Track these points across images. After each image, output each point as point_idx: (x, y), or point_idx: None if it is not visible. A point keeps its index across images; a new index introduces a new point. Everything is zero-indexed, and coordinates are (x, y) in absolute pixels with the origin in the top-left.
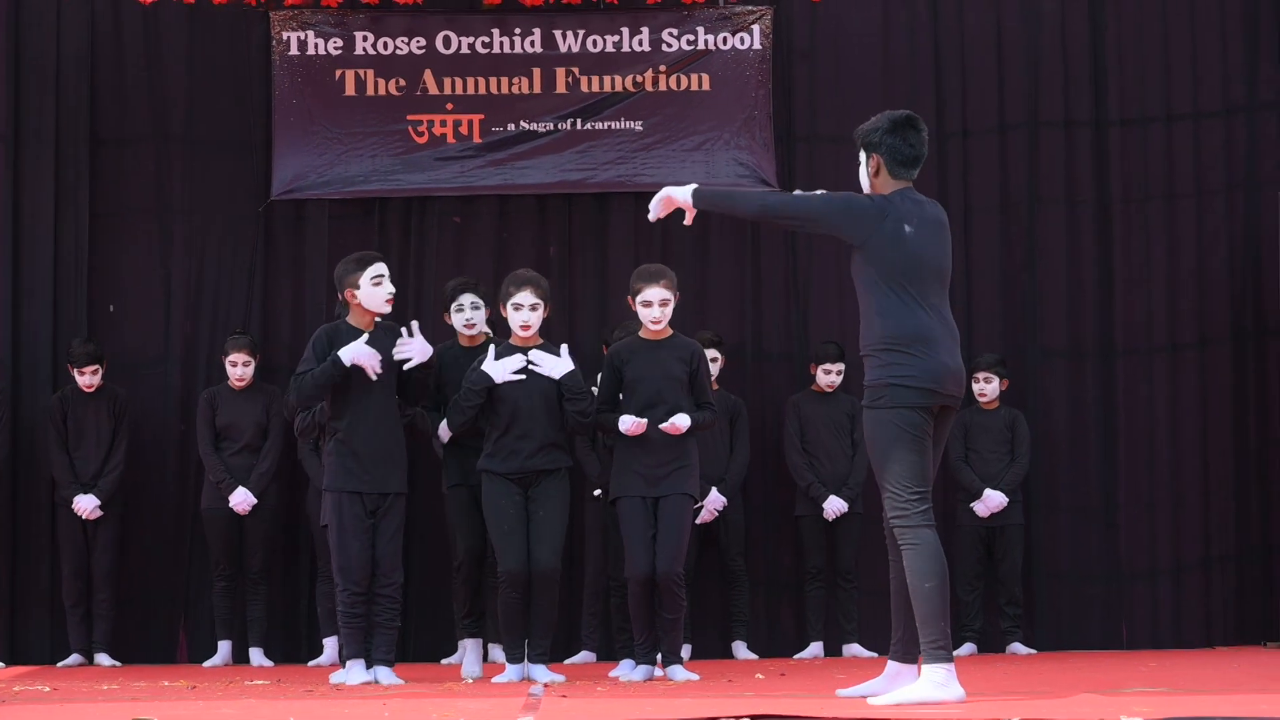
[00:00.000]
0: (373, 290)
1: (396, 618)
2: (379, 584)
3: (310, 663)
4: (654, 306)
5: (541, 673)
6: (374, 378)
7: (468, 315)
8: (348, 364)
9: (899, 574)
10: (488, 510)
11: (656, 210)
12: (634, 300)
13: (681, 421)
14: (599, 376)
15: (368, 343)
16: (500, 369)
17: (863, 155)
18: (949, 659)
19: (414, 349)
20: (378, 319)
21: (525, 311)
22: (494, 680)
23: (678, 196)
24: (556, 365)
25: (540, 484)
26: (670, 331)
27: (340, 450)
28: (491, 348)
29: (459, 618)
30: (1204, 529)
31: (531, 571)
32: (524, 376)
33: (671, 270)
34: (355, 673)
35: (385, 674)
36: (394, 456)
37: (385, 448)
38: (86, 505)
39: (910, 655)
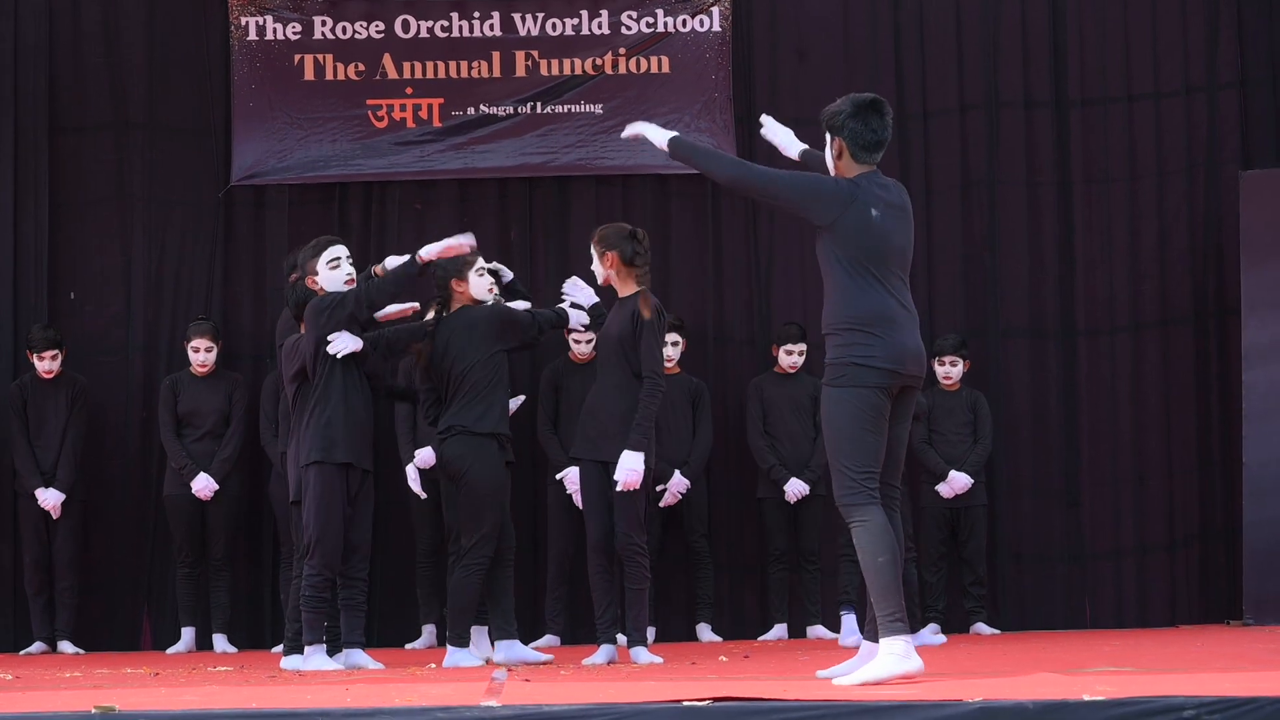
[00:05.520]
0: (330, 274)
1: (365, 600)
2: (352, 567)
3: (274, 648)
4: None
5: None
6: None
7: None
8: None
9: None
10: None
11: (628, 134)
12: None
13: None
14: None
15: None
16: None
17: (827, 137)
18: (907, 630)
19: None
20: None
21: (489, 277)
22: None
23: (654, 137)
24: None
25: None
26: (635, 288)
27: (322, 422)
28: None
29: (422, 604)
30: (1167, 509)
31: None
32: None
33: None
34: (316, 659)
35: (360, 656)
36: (368, 433)
37: (362, 423)
38: (50, 499)
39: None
